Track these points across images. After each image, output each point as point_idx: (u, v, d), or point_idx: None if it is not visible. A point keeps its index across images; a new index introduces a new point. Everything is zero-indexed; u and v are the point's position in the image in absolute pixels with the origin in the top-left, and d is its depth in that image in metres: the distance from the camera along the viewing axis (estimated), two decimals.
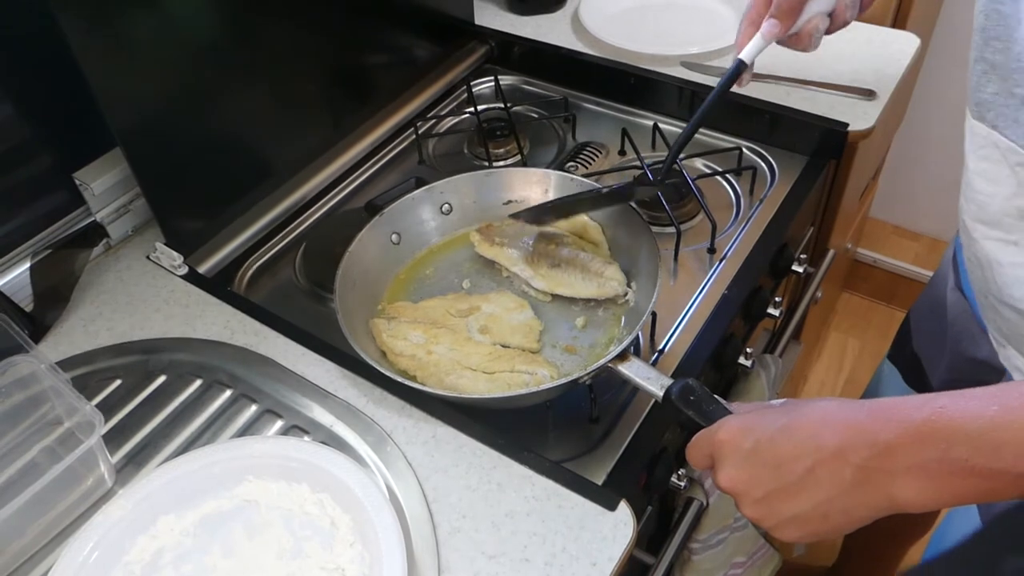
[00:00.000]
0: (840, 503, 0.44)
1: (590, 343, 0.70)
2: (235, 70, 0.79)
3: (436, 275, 0.77)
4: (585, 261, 0.73)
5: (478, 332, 0.70)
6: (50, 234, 0.76)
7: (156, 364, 0.70)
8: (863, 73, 0.96)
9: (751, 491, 0.47)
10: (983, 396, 0.42)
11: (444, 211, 0.79)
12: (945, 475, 0.41)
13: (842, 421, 0.44)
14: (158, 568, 0.56)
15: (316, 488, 0.59)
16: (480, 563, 0.55)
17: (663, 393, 0.57)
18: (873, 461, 0.42)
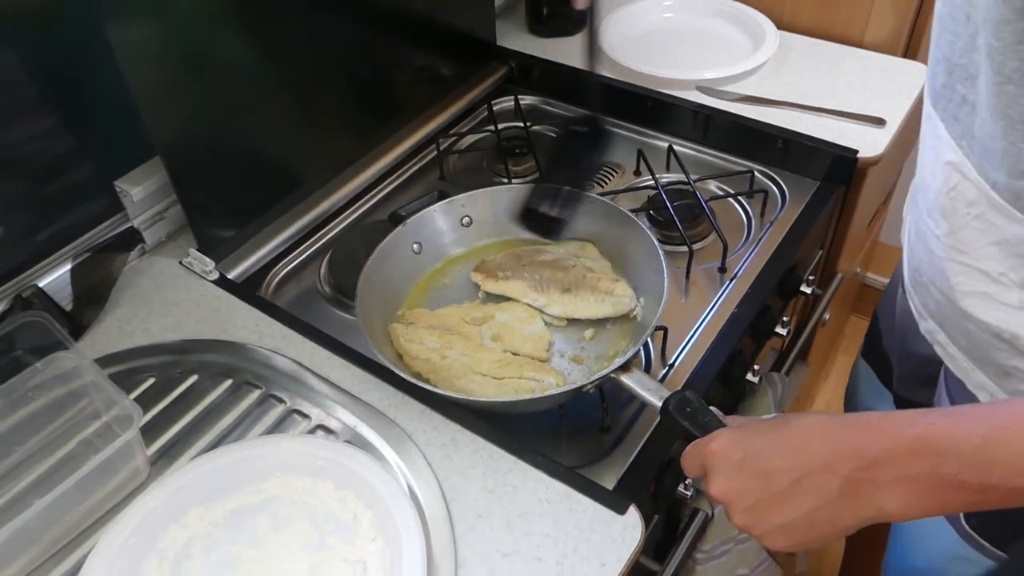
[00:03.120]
0: (826, 513, 0.46)
1: (597, 354, 0.73)
2: (267, 87, 0.83)
3: (453, 284, 0.81)
4: (593, 281, 0.76)
5: (490, 339, 0.73)
6: (90, 238, 0.80)
7: (188, 364, 0.74)
8: (873, 101, 0.99)
9: (740, 500, 0.49)
10: (975, 414, 0.44)
11: (464, 223, 0.83)
12: (934, 488, 0.43)
13: (831, 434, 0.46)
14: (189, 556, 0.59)
15: (340, 485, 0.62)
16: (495, 560, 0.58)
17: (661, 404, 0.60)
18: (861, 473, 0.44)
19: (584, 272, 0.77)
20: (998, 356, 0.59)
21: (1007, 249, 0.54)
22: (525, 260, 0.79)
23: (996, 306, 0.56)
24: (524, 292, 0.77)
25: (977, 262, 0.57)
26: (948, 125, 0.56)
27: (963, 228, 0.56)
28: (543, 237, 0.79)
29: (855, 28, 1.10)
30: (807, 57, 1.08)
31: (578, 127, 0.78)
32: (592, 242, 0.81)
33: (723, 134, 1.00)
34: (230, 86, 0.78)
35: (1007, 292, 0.55)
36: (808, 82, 1.04)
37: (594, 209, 0.79)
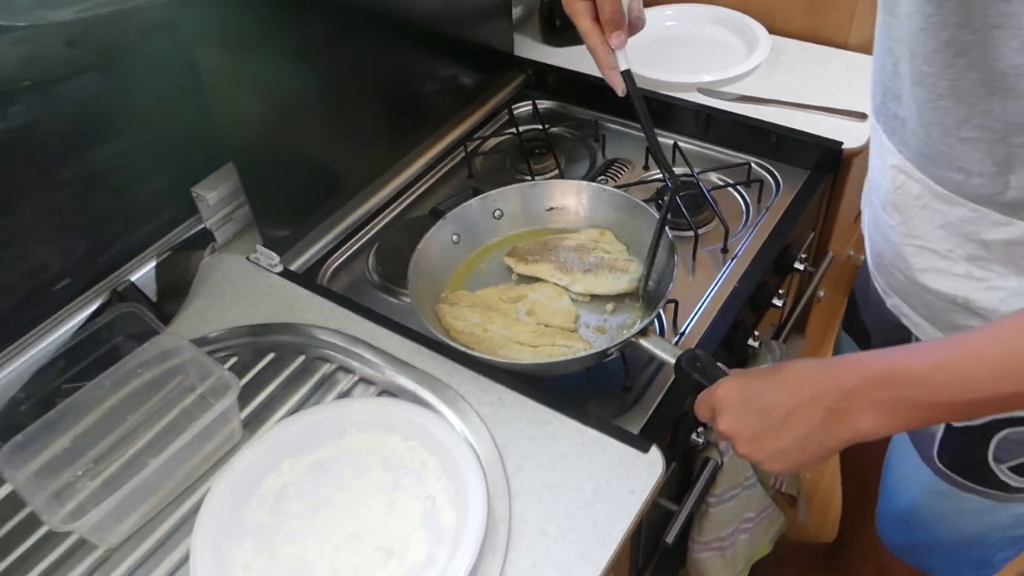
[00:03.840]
0: (815, 437, 0.56)
1: (618, 325, 0.84)
2: (317, 103, 0.94)
3: (489, 269, 0.91)
4: (611, 261, 0.86)
5: (525, 314, 0.83)
6: (170, 239, 0.91)
7: (265, 344, 0.85)
8: (857, 98, 1.10)
9: (743, 433, 0.59)
10: (927, 348, 0.55)
11: (496, 216, 0.93)
12: (898, 410, 0.53)
13: (815, 374, 0.57)
14: (286, 498, 0.71)
15: (407, 437, 0.73)
16: (542, 491, 0.69)
17: (675, 360, 0.69)
18: (840, 403, 0.54)
19: (602, 254, 0.87)
20: (955, 318, 0.69)
21: (951, 229, 0.64)
22: (551, 246, 0.90)
23: (949, 278, 0.67)
24: (551, 272, 0.87)
25: (928, 243, 0.67)
26: (888, 135, 0.68)
27: (913, 217, 0.67)
28: None
29: (840, 32, 1.21)
30: (797, 59, 1.20)
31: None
32: (609, 229, 0.92)
33: (723, 131, 1.11)
34: (288, 103, 0.89)
35: (956, 265, 0.66)
36: (798, 82, 1.15)
37: (612, 200, 0.90)
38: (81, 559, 0.68)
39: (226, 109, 0.81)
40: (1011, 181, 0.58)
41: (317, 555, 0.67)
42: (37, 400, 0.78)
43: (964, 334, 0.55)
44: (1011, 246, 0.62)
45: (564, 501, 0.69)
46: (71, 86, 0.75)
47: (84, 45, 0.71)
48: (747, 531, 0.97)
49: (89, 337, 0.81)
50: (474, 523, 0.65)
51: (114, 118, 0.81)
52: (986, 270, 0.64)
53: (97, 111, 0.79)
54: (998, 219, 0.61)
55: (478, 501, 0.66)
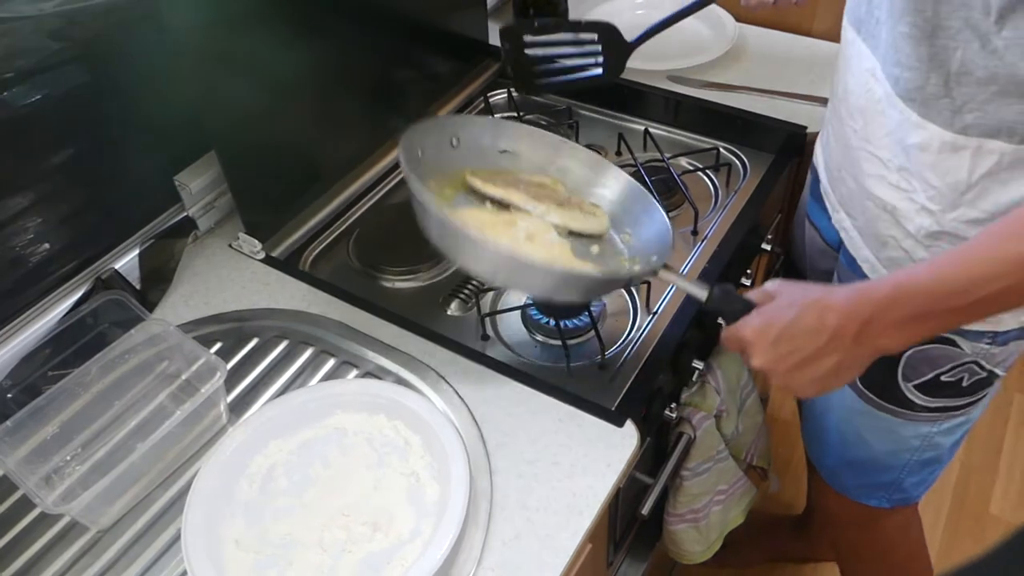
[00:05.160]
0: (845, 363, 0.63)
1: (613, 268, 0.79)
2: (296, 89, 0.95)
3: (456, 195, 0.82)
4: (578, 202, 0.82)
5: (525, 239, 0.77)
6: (153, 227, 0.92)
7: (248, 329, 0.87)
8: (818, 83, 1.14)
9: (779, 367, 0.64)
10: (925, 265, 0.62)
11: (453, 144, 0.84)
12: (912, 324, 0.61)
13: (835, 308, 0.62)
14: (273, 477, 0.73)
15: (391, 417, 0.76)
16: (522, 466, 0.72)
17: (706, 294, 0.69)
18: (862, 329, 0.61)
19: (568, 194, 0.84)
20: (881, 227, 0.78)
21: (893, 137, 0.72)
22: (511, 179, 0.83)
23: (885, 185, 0.76)
24: (524, 199, 0.80)
25: (876, 151, 0.75)
26: (866, 41, 0.74)
27: (871, 123, 0.75)
28: None
29: (804, 19, 1.24)
30: (762, 46, 1.23)
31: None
32: (561, 182, 0.86)
33: (691, 117, 1.14)
34: (269, 92, 0.90)
35: (891, 174, 0.74)
36: (763, 68, 1.18)
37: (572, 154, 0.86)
38: (73, 540, 0.70)
39: (208, 98, 0.83)
40: (930, 78, 0.66)
41: (306, 531, 0.69)
42: (23, 388, 0.79)
43: (957, 247, 0.62)
44: (922, 152, 0.69)
45: (543, 475, 0.72)
46: (54, 77, 0.76)
47: (67, 37, 0.72)
48: (720, 503, 1.01)
49: (74, 325, 0.83)
50: (457, 497, 0.67)
51: (97, 108, 0.82)
52: (909, 181, 0.73)
53: (80, 101, 0.80)
54: (916, 121, 0.69)
55: (460, 476, 0.69)
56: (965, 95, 0.65)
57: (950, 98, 0.66)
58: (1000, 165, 0.66)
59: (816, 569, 1.52)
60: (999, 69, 0.62)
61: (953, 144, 0.68)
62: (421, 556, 0.65)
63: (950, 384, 0.83)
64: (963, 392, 0.84)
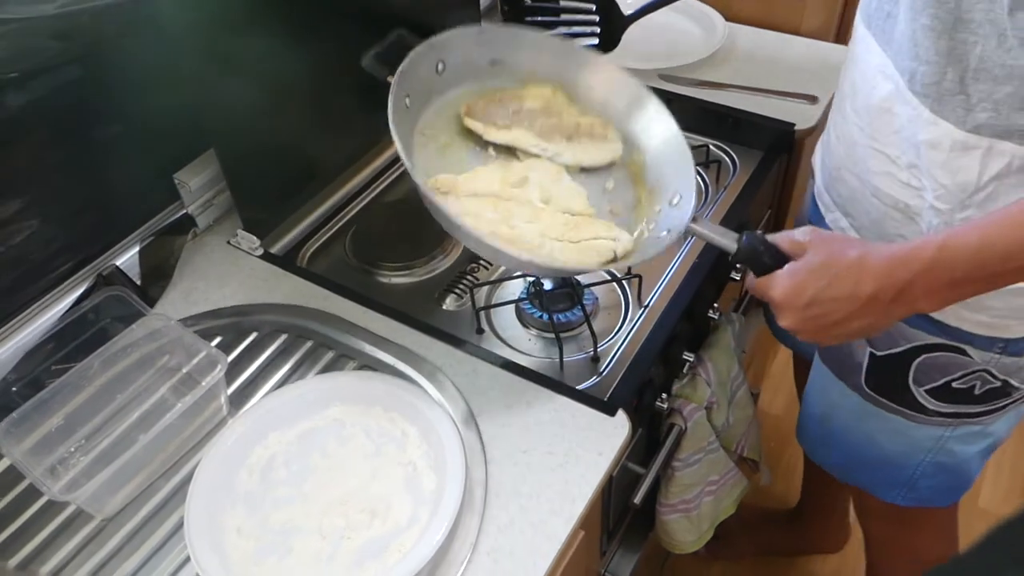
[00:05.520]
0: (877, 324, 0.64)
1: (625, 204, 0.76)
2: (293, 89, 0.96)
3: (453, 143, 0.77)
4: (587, 128, 0.77)
5: (541, 202, 0.72)
6: (153, 224, 0.94)
7: (248, 324, 0.88)
8: (807, 81, 1.16)
9: (806, 327, 0.66)
10: (969, 232, 0.61)
11: (439, 70, 0.77)
12: (951, 289, 0.62)
13: (871, 273, 0.62)
14: (273, 468, 0.75)
15: (388, 408, 0.78)
16: (516, 455, 0.74)
17: (735, 247, 0.68)
18: (899, 296, 0.62)
19: (576, 119, 0.77)
20: (889, 226, 0.78)
21: (902, 134, 0.72)
22: (512, 107, 0.77)
23: (895, 182, 0.75)
24: (532, 140, 0.76)
25: (885, 148, 0.75)
26: (876, 37, 0.74)
27: (878, 120, 0.75)
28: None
29: (793, 18, 1.27)
30: (752, 45, 1.25)
31: None
32: (560, 85, 0.80)
33: (682, 115, 1.12)
34: (267, 91, 0.92)
35: (902, 171, 0.74)
36: (753, 67, 1.21)
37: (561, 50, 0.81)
38: (78, 528, 0.72)
39: (208, 97, 0.84)
40: (947, 73, 0.65)
41: (305, 518, 0.71)
42: (27, 382, 0.81)
43: (998, 211, 0.62)
44: (932, 150, 0.69)
45: (537, 463, 0.73)
46: (56, 77, 0.77)
47: (68, 38, 0.74)
48: (712, 493, 1.03)
49: (76, 320, 0.84)
50: (453, 485, 0.69)
51: (97, 108, 0.83)
52: (919, 179, 0.72)
53: (81, 102, 0.81)
54: (929, 117, 0.68)
55: (456, 465, 0.71)
56: (980, 92, 0.65)
57: (965, 95, 0.66)
58: (1011, 168, 0.66)
59: (808, 562, 1.54)
60: (1016, 69, 0.62)
61: (964, 143, 0.67)
62: (418, 542, 0.67)
63: (962, 391, 0.82)
64: (976, 400, 0.83)
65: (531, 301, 0.92)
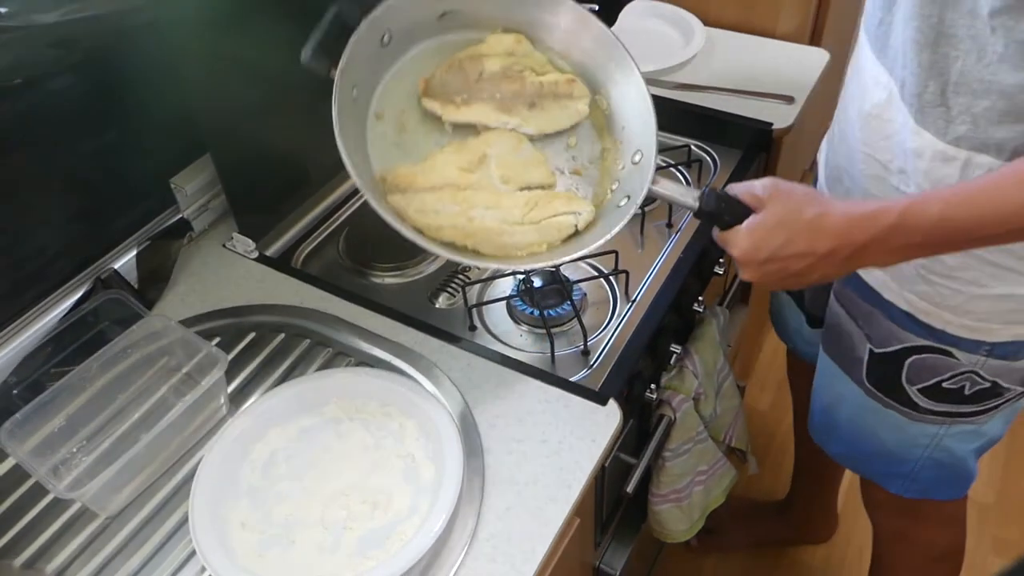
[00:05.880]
0: (830, 274, 0.67)
1: (589, 159, 0.75)
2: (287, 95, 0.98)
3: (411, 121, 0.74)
4: (552, 87, 0.73)
5: (501, 183, 0.70)
6: (149, 229, 0.95)
7: (246, 324, 0.90)
8: (784, 83, 1.19)
9: (767, 280, 0.68)
10: (933, 202, 0.63)
11: (384, 42, 0.71)
12: (905, 251, 0.64)
13: (828, 233, 0.64)
14: (274, 463, 0.76)
15: (385, 403, 0.80)
16: (512, 444, 0.76)
17: (696, 206, 0.69)
18: (856, 254, 0.64)
19: (539, 81, 0.74)
20: None
21: (893, 140, 0.75)
22: (471, 74, 0.73)
23: (886, 186, 0.78)
24: (492, 115, 0.73)
25: (876, 153, 0.78)
26: (872, 45, 0.77)
27: (869, 126, 0.78)
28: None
29: (769, 22, 1.30)
30: (730, 48, 1.29)
31: None
32: (522, 33, 0.76)
33: (664, 116, 1.16)
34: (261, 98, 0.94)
35: (892, 176, 0.77)
36: (731, 69, 1.24)
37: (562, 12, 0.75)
38: (83, 526, 0.73)
39: (205, 104, 0.86)
40: (928, 86, 0.68)
41: (307, 511, 0.73)
42: (28, 385, 0.82)
43: (962, 184, 0.65)
44: (917, 158, 0.72)
45: (532, 452, 0.76)
46: (55, 84, 0.79)
47: (68, 46, 0.75)
48: (701, 483, 1.05)
49: (75, 323, 0.85)
50: (451, 474, 0.71)
51: (96, 115, 0.85)
52: (908, 184, 0.75)
53: (80, 108, 0.83)
54: (913, 127, 0.71)
55: (454, 455, 0.73)
56: (960, 106, 0.67)
57: (945, 107, 0.68)
58: None
59: (798, 552, 1.57)
60: (993, 84, 0.64)
61: (944, 154, 0.69)
62: (420, 529, 0.68)
63: (953, 391, 0.84)
64: (966, 400, 0.85)
65: (521, 298, 0.94)
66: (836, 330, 0.93)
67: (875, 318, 0.86)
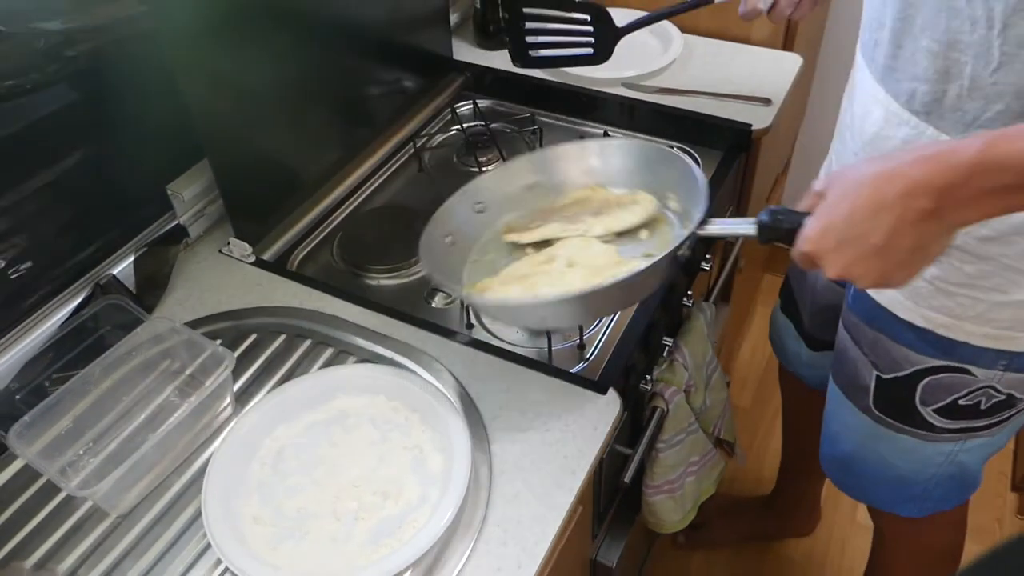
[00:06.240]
0: (923, 242, 0.55)
1: (659, 245, 0.80)
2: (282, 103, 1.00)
3: (498, 256, 0.85)
4: (615, 201, 0.82)
5: (566, 266, 0.77)
6: (146, 235, 0.96)
7: (246, 327, 0.91)
8: (761, 86, 1.24)
9: (856, 270, 0.57)
10: (1012, 134, 0.52)
11: (478, 210, 0.86)
12: (996, 197, 0.52)
13: (897, 175, 0.54)
14: (283, 459, 0.77)
15: (391, 397, 0.81)
16: (516, 434, 0.78)
17: (756, 226, 0.65)
18: (937, 202, 0.53)
19: (605, 197, 0.84)
20: None
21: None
22: (548, 211, 0.84)
23: None
24: (562, 229, 0.81)
25: None
26: (867, 63, 0.79)
27: (871, 145, 0.79)
28: None
29: (743, 29, 1.35)
30: (707, 54, 1.33)
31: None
32: (601, 185, 0.86)
33: (646, 119, 1.23)
34: (257, 106, 0.96)
35: None
36: (709, 74, 1.28)
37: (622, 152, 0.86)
38: (95, 526, 0.73)
39: (203, 111, 0.87)
40: (947, 91, 0.68)
41: (318, 504, 0.74)
42: (31, 390, 0.82)
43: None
44: None
45: (537, 440, 0.78)
46: (55, 92, 0.80)
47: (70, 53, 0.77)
48: (693, 473, 1.08)
49: (76, 329, 0.86)
50: (460, 462, 0.73)
51: (94, 123, 0.86)
52: None
53: (79, 116, 0.84)
54: (932, 133, 0.71)
55: (462, 444, 0.75)
56: (975, 110, 0.67)
57: (961, 111, 0.68)
58: None
59: (782, 546, 1.60)
60: (1004, 87, 0.64)
61: None
62: (431, 517, 0.70)
63: (968, 407, 0.84)
64: (982, 414, 0.85)
65: None
66: (842, 357, 0.94)
67: (881, 344, 0.86)
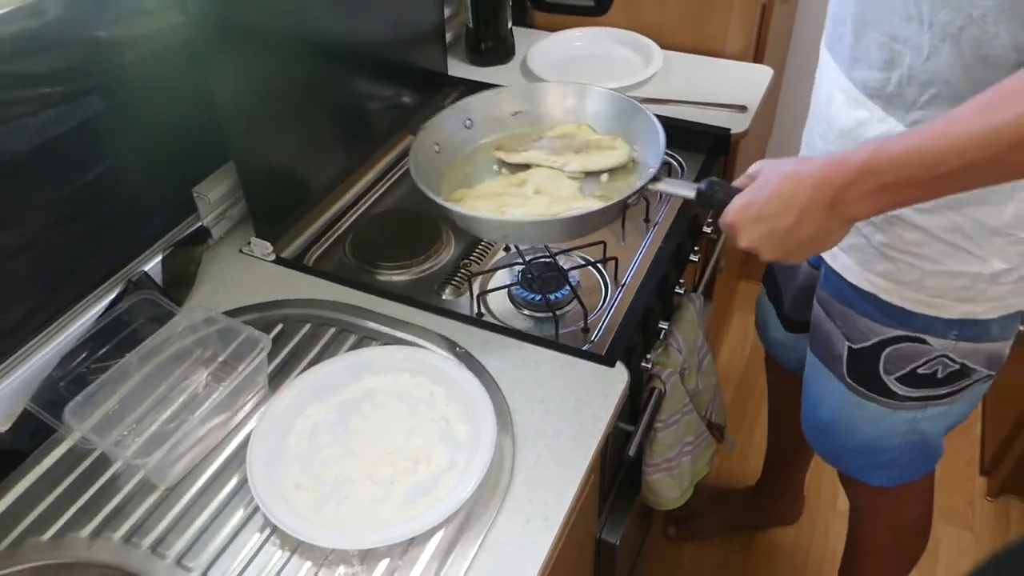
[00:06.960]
0: (820, 232, 0.70)
1: (617, 190, 0.93)
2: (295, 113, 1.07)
3: (476, 172, 1.00)
4: (597, 142, 0.95)
5: (534, 193, 0.91)
6: (173, 235, 1.02)
7: (272, 318, 0.97)
8: (737, 94, 1.34)
9: (763, 243, 0.72)
10: (898, 139, 0.66)
11: (466, 125, 1.02)
12: (882, 194, 0.66)
13: (805, 180, 0.68)
14: (317, 433, 0.83)
15: (415, 374, 0.87)
16: (535, 404, 0.85)
17: (695, 193, 0.81)
18: (836, 198, 0.67)
19: (587, 137, 0.97)
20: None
21: (844, 135, 0.85)
22: (535, 136, 0.99)
23: None
24: (544, 157, 0.95)
25: (829, 146, 0.88)
26: (833, 54, 0.86)
27: (829, 125, 0.87)
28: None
29: (717, 44, 1.46)
30: (685, 67, 1.43)
31: None
32: (586, 124, 1.02)
33: None
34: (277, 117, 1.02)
35: None
36: (689, 85, 1.38)
37: (579, 94, 1.04)
38: (144, 498, 0.78)
39: (230, 119, 0.94)
40: (890, 78, 0.77)
41: (356, 471, 0.79)
42: (72, 379, 0.87)
43: (927, 124, 0.67)
44: None
45: (554, 409, 0.85)
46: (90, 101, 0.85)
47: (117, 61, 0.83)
48: (689, 452, 1.15)
49: (112, 322, 0.91)
50: (487, 428, 0.79)
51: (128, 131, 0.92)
52: None
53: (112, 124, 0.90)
54: (880, 116, 0.79)
55: (487, 413, 0.81)
56: (913, 95, 0.75)
57: (903, 96, 0.76)
58: None
59: (768, 535, 1.67)
60: (934, 75, 0.72)
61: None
62: (461, 478, 0.76)
63: (927, 376, 0.91)
64: (940, 383, 0.92)
65: (522, 286, 1.04)
66: (818, 330, 1.02)
67: (849, 316, 0.94)
